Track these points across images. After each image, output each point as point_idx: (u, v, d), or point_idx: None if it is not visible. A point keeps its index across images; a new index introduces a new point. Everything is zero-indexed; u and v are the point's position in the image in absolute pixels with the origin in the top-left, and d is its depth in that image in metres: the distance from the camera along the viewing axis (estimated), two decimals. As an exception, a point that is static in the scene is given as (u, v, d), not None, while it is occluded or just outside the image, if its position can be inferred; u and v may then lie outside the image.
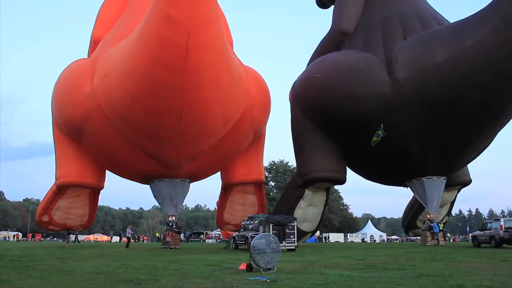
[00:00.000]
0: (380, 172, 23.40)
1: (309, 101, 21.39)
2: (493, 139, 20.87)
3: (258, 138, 23.04)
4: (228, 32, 23.24)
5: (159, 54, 13.83)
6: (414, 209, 26.88)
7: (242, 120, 19.29)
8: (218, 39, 14.25)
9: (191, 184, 23.08)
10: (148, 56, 14.18)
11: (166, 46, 13.58)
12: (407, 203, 28.65)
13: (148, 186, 22.76)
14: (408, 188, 23.17)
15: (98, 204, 25.44)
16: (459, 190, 25.67)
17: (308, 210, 22.73)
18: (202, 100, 15.47)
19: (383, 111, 18.87)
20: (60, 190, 22.17)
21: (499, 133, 20.72)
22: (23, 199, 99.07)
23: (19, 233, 70.04)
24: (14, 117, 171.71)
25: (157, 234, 62.04)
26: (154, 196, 22.39)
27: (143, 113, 15.98)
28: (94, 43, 22.51)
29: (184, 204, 23.17)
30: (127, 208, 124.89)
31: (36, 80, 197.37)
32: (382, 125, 18.74)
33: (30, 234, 69.97)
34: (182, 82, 14.32)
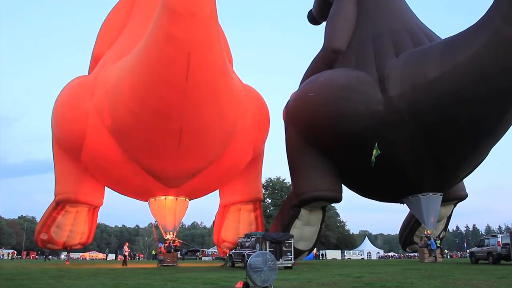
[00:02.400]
0: (376, 189, 23.31)
1: (303, 120, 21.39)
2: (487, 154, 21.00)
3: (256, 157, 23.11)
4: (228, 50, 23.53)
5: (160, 71, 14.01)
6: (411, 225, 26.85)
7: (241, 139, 19.41)
8: (218, 58, 14.45)
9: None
10: (149, 74, 14.37)
11: (167, 64, 13.76)
12: (404, 219, 28.65)
13: (146, 203, 22.68)
14: (405, 204, 23.20)
15: (94, 221, 25.24)
16: (455, 205, 25.70)
17: (304, 229, 22.55)
18: (202, 117, 15.59)
19: (377, 129, 18.86)
20: (59, 206, 22.16)
21: (494, 149, 20.86)
22: (18, 217, 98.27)
23: (14, 251, 69.31)
24: (11, 134, 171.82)
25: (153, 252, 61.54)
26: (152, 214, 22.29)
27: (143, 130, 16.07)
28: (94, 61, 22.70)
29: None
30: (123, 226, 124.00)
31: (34, 97, 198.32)
32: (376, 143, 18.79)
33: (25, 252, 69.22)
34: (182, 100, 14.47)
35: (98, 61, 22.15)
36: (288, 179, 59.84)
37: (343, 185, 23.31)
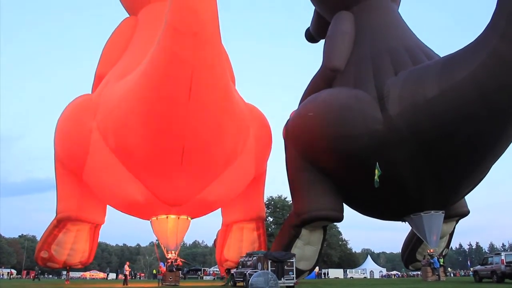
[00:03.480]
0: (377, 208, 23.07)
1: (302, 140, 21.32)
2: (488, 170, 20.99)
3: (258, 175, 23.10)
4: (231, 69, 23.68)
5: (163, 90, 14.13)
6: (413, 242, 26.66)
7: (243, 157, 19.47)
8: (221, 77, 14.60)
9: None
10: (152, 93, 14.48)
11: (170, 83, 13.90)
12: (406, 236, 28.50)
13: (147, 221, 22.58)
14: (407, 223, 23.08)
15: (95, 240, 25.16)
16: (457, 222, 25.53)
17: (305, 249, 22.31)
18: (204, 137, 15.67)
19: (377, 148, 18.75)
20: (60, 224, 22.07)
21: (497, 165, 20.84)
22: (19, 236, 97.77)
23: (13, 270, 68.73)
24: (12, 153, 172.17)
25: (154, 271, 61.13)
26: (154, 233, 22.22)
27: (146, 149, 16.15)
28: (98, 79, 22.91)
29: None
30: (124, 244, 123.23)
31: (35, 116, 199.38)
32: (377, 163, 18.77)
33: (25, 271, 68.68)
34: (185, 118, 14.55)
35: (101, 80, 22.35)
36: (289, 198, 59.59)
37: (344, 204, 23.00)
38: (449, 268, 62.50)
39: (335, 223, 54.29)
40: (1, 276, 60.64)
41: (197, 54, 13.34)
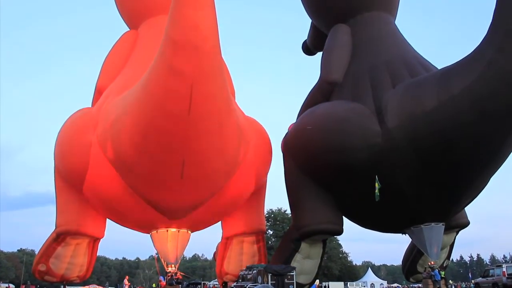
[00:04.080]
0: (377, 220, 23.05)
1: (301, 154, 21.37)
2: (488, 181, 21.04)
3: (259, 188, 23.01)
4: (231, 82, 23.72)
5: (163, 104, 14.10)
6: (414, 254, 26.55)
7: (243, 171, 19.37)
8: (221, 90, 14.60)
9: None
10: (151, 106, 14.46)
11: (170, 96, 13.88)
12: (406, 248, 28.43)
13: (146, 235, 22.43)
14: (407, 235, 23.05)
15: (94, 254, 25.02)
16: (457, 232, 25.50)
17: (304, 262, 22.31)
18: (204, 150, 15.61)
19: (377, 161, 18.80)
20: (59, 237, 21.88)
21: (498, 176, 20.86)
22: (18, 250, 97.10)
23: (11, 285, 68.13)
24: (11, 166, 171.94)
25: (153, 285, 60.65)
26: (154, 246, 22.15)
27: (146, 162, 16.08)
28: (98, 93, 22.97)
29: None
30: (123, 258, 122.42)
31: (35, 129, 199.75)
32: (377, 177, 18.82)
33: (23, 286, 68.08)
34: (185, 132, 14.52)
35: (101, 93, 22.37)
36: (289, 211, 59.05)
37: (344, 217, 22.97)
38: (450, 281, 62.15)
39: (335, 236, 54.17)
40: (-1, 291, 60.11)
41: (197, 68, 13.35)
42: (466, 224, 24.94)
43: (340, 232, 22.18)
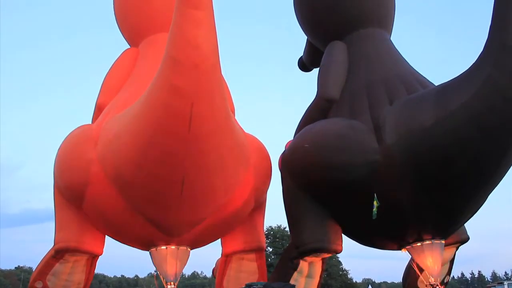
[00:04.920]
0: (377, 238, 22.89)
1: (299, 171, 21.25)
2: (487, 197, 21.05)
3: (258, 206, 22.94)
4: (231, 100, 23.77)
5: (163, 122, 14.16)
6: (414, 271, 26.45)
7: (243, 188, 19.39)
8: (221, 108, 14.72)
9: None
10: (152, 124, 14.51)
11: (170, 115, 13.94)
12: (406, 265, 28.29)
13: (145, 252, 22.12)
14: (407, 252, 22.94)
15: (91, 271, 24.81)
16: (457, 248, 25.40)
17: (304, 281, 22.14)
18: (204, 167, 15.65)
19: (375, 179, 18.77)
20: (58, 254, 21.59)
21: (498, 192, 20.85)
22: (15, 267, 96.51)
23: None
24: (11, 183, 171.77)
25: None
26: (154, 264, 22.01)
27: (146, 180, 16.09)
28: (98, 109, 23.02)
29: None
30: (122, 276, 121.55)
31: (35, 146, 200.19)
32: (375, 194, 18.80)
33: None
34: (184, 150, 14.58)
35: (102, 110, 22.44)
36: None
37: (343, 234, 22.73)
38: (451, 298, 61.60)
39: (335, 253, 53.78)
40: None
41: (198, 86, 13.45)
42: (466, 239, 24.83)
43: (339, 250, 21.96)
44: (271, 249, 59.77)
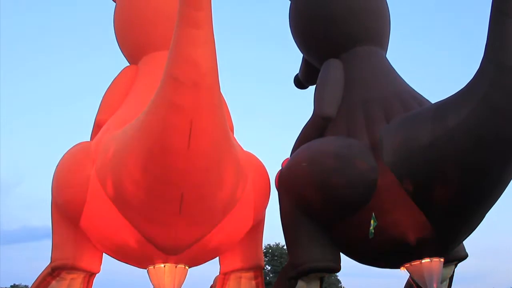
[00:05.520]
0: (375, 257, 22.17)
1: (296, 190, 20.94)
2: (485, 215, 20.98)
3: (257, 224, 22.30)
4: (230, 118, 23.67)
5: (162, 139, 14.10)
6: (413, 288, 26.23)
7: (241, 206, 19.08)
8: (220, 126, 14.73)
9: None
10: (151, 141, 14.44)
11: (170, 132, 13.89)
12: (405, 284, 28.04)
13: (143, 270, 21.86)
14: (405, 270, 22.73)
15: (89, 291, 24.40)
16: (456, 265, 25.17)
17: (301, 301, 21.41)
18: (203, 185, 15.57)
19: (373, 198, 18.52)
20: (54, 272, 20.76)
21: (498, 210, 20.76)
22: (11, 285, 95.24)
23: (2, 321, 66.32)
24: (9, 200, 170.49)
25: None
26: (151, 282, 21.76)
27: (144, 197, 15.94)
28: (97, 126, 22.81)
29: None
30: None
31: (33, 162, 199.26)
32: (374, 214, 18.67)
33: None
34: (184, 167, 14.51)
35: (101, 127, 22.26)
36: (287, 246, 58.87)
37: (341, 253, 22.25)
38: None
39: (333, 271, 53.29)
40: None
41: (197, 104, 13.47)
42: (464, 256, 24.52)
43: (337, 269, 21.47)
44: (269, 267, 59.45)
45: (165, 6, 23.31)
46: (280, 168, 23.38)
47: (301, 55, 29.76)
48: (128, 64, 26.66)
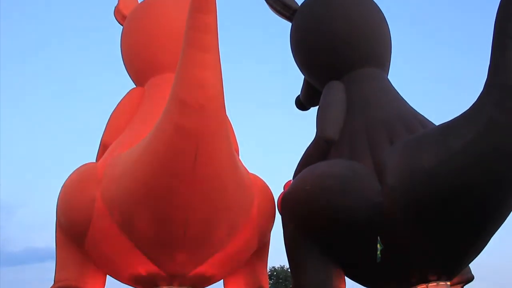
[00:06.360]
0: (381, 281, 21.59)
1: (300, 214, 20.68)
2: (491, 238, 20.74)
3: (262, 246, 22.17)
4: (235, 140, 23.62)
5: (167, 162, 14.18)
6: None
7: (247, 229, 19.10)
8: (225, 148, 14.82)
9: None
10: (156, 164, 14.50)
11: (175, 155, 13.97)
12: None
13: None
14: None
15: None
16: (462, 287, 24.87)
17: (305, 326, 21.07)
18: (208, 208, 15.59)
19: (377, 221, 18.22)
20: (58, 293, 21.23)
21: (503, 232, 20.54)
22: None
23: None
24: (12, 221, 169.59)
25: None
26: (155, 304, 21.58)
27: (149, 220, 16.00)
28: (103, 148, 22.82)
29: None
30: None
31: (37, 184, 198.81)
32: (379, 237, 18.43)
33: None
34: (189, 190, 14.59)
35: (106, 148, 22.45)
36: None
37: (346, 277, 21.74)
38: None
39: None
40: None
41: (203, 126, 13.59)
42: (470, 279, 24.06)
43: None
44: (274, 291, 58.90)
45: (172, 29, 23.68)
46: (282, 190, 23.28)
47: (302, 76, 29.85)
48: (134, 86, 26.99)
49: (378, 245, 18.22)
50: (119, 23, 27.63)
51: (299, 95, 31.93)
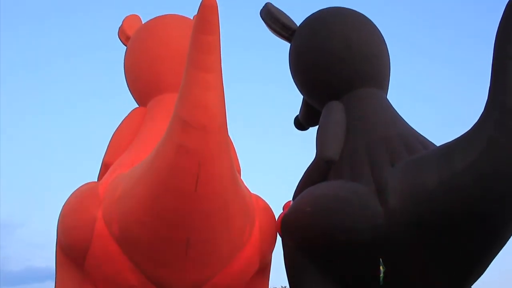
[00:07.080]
0: None
1: (301, 236, 20.43)
2: (493, 259, 20.52)
3: (264, 267, 22.30)
4: (237, 160, 23.87)
5: (169, 181, 14.24)
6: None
7: (248, 249, 18.78)
8: (228, 168, 14.91)
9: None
10: (158, 183, 14.56)
11: (177, 174, 14.03)
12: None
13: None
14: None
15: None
16: (466, 306, 24.43)
17: None
18: (210, 228, 15.58)
19: (379, 243, 18.21)
20: (57, 315, 21.07)
21: (507, 251, 20.38)
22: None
23: None
24: (12, 241, 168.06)
25: None
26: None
27: (150, 239, 15.77)
28: (105, 167, 22.95)
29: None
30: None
31: (37, 203, 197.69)
32: (381, 259, 18.17)
33: None
34: (191, 210, 14.60)
35: (108, 168, 22.71)
36: None
37: None
38: None
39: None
40: None
41: (205, 146, 13.62)
42: None
43: None
44: (274, 311, 58.10)
45: (175, 50, 23.92)
46: (282, 211, 23.22)
47: (301, 96, 30.02)
48: (137, 106, 27.22)
49: (381, 267, 18.03)
50: (123, 43, 28.03)
51: (297, 115, 31.97)
